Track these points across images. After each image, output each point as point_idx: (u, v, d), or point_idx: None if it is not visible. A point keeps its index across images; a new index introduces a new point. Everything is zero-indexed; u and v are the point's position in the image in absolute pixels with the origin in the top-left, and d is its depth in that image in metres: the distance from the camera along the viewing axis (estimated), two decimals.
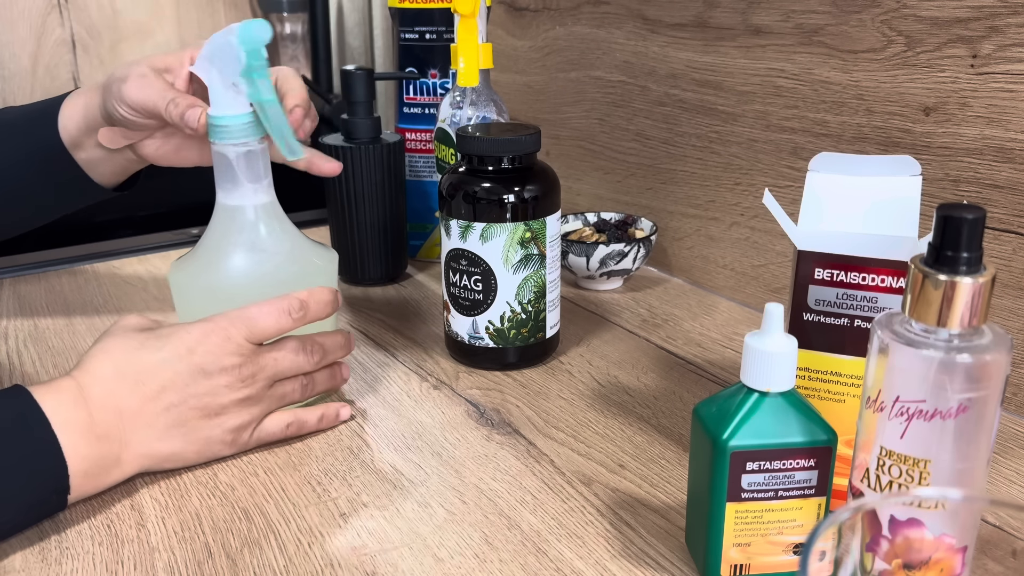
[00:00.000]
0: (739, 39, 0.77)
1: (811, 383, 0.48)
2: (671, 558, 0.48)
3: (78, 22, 1.42)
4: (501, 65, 1.13)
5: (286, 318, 0.56)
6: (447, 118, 0.80)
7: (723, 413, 0.43)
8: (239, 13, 1.56)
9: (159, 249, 1.00)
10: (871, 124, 0.68)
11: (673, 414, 0.63)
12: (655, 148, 0.90)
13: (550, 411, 0.63)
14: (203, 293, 0.59)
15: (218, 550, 0.48)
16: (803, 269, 0.47)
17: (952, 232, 0.36)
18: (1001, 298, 0.61)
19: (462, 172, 0.66)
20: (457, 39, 0.75)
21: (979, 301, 0.37)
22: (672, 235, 0.90)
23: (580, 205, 1.03)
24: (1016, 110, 0.58)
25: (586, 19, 0.96)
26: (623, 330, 0.77)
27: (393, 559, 0.47)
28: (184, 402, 0.52)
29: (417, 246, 0.95)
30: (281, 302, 0.56)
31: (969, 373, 0.37)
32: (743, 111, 0.78)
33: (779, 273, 0.78)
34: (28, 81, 1.40)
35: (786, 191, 0.76)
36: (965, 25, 0.60)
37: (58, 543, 0.49)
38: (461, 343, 0.69)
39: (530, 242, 0.66)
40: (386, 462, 0.57)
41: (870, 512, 0.36)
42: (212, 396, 0.53)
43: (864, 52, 0.67)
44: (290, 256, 0.60)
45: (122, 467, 0.51)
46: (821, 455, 0.42)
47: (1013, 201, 0.60)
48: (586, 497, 0.53)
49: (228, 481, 0.55)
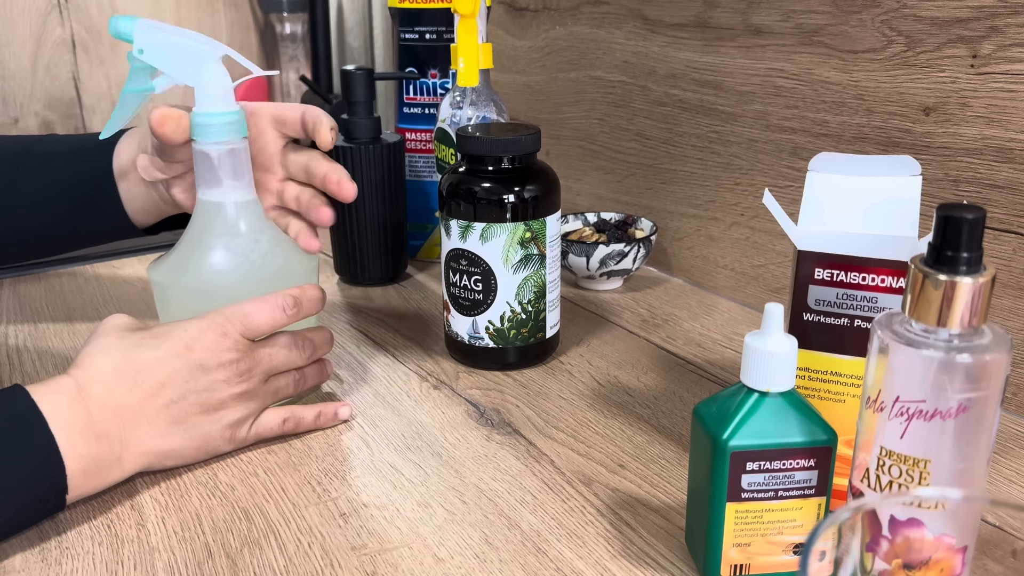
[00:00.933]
0: (739, 39, 0.77)
1: (811, 383, 0.48)
2: (671, 558, 0.48)
3: (78, 22, 1.42)
4: (501, 65, 1.13)
5: (280, 314, 0.56)
6: (447, 118, 0.80)
7: (723, 413, 0.43)
8: (239, 13, 1.56)
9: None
10: (871, 124, 0.68)
11: (673, 414, 0.63)
12: (655, 148, 0.90)
13: (550, 411, 0.63)
14: (184, 291, 0.59)
15: (218, 550, 0.48)
16: (803, 269, 0.47)
17: (952, 232, 0.36)
18: (1001, 298, 0.61)
19: (462, 172, 0.66)
20: (457, 39, 0.75)
21: (979, 301, 0.37)
22: (672, 235, 0.90)
23: (580, 205, 1.03)
24: (1016, 110, 0.58)
25: (586, 19, 0.96)
26: (623, 330, 0.77)
27: (393, 559, 0.47)
28: (184, 398, 0.53)
29: (417, 246, 0.95)
30: (275, 299, 0.56)
31: (969, 373, 0.37)
32: (743, 111, 0.78)
33: (779, 273, 0.78)
34: (28, 81, 1.40)
35: (786, 191, 0.76)
36: (965, 25, 0.60)
37: (58, 543, 0.49)
38: (461, 343, 0.69)
39: (530, 242, 0.66)
40: (386, 462, 0.57)
41: (870, 512, 0.36)
42: (211, 392, 0.53)
43: (864, 52, 0.67)
44: (271, 252, 0.60)
45: (123, 466, 0.51)
46: (821, 455, 0.42)
47: (1013, 201, 0.60)
48: (586, 497, 0.53)
49: (228, 481, 0.55)
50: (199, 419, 0.54)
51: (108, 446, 0.50)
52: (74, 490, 0.49)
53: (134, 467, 0.52)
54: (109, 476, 0.51)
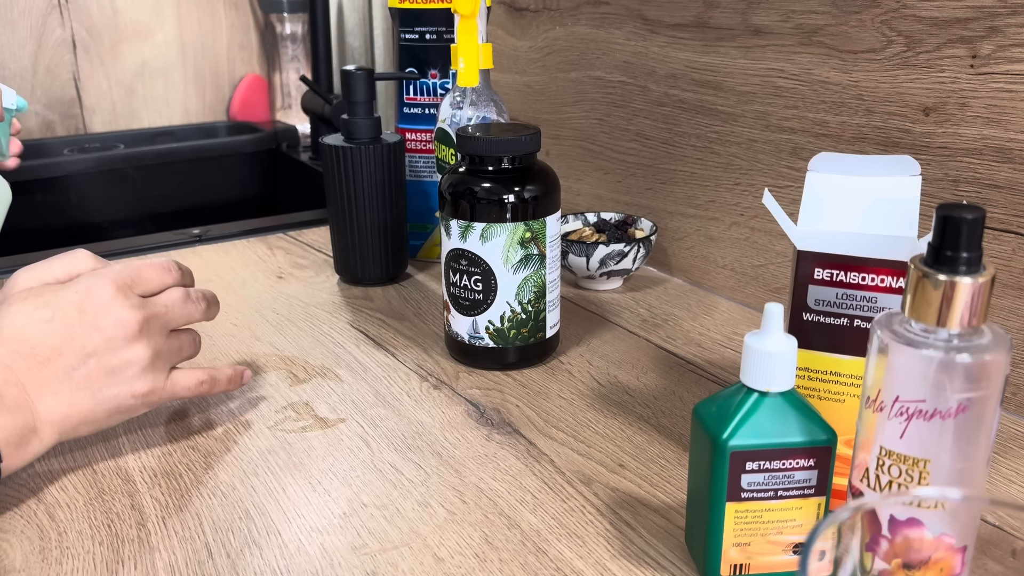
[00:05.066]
0: (739, 39, 0.77)
1: (811, 383, 0.48)
2: (671, 558, 0.48)
3: (78, 22, 1.42)
4: (501, 65, 1.13)
5: (167, 272, 0.56)
6: (447, 118, 0.80)
7: (723, 413, 0.43)
8: (239, 13, 1.56)
9: (159, 249, 1.00)
10: (871, 124, 0.68)
11: (673, 414, 0.63)
12: (655, 148, 0.90)
13: (550, 411, 0.63)
14: None
15: (218, 550, 0.48)
16: (803, 269, 0.47)
17: (952, 232, 0.36)
18: (1001, 298, 0.61)
19: (462, 172, 0.66)
20: (457, 39, 0.75)
21: (979, 301, 0.37)
22: (672, 235, 0.90)
23: (580, 205, 1.03)
24: (1016, 110, 0.58)
25: (586, 19, 0.96)
26: (623, 330, 0.77)
27: (393, 559, 0.47)
28: (84, 363, 0.52)
29: (417, 246, 0.95)
30: (158, 260, 0.57)
31: (969, 373, 0.37)
32: (743, 111, 0.78)
33: (779, 273, 0.78)
34: (28, 81, 1.40)
35: (786, 191, 0.76)
36: (965, 25, 0.60)
37: (58, 543, 0.49)
38: (461, 343, 0.69)
39: (530, 242, 0.66)
40: (386, 462, 0.57)
41: (870, 512, 0.36)
42: (111, 352, 0.52)
43: (864, 52, 0.67)
44: None
45: (40, 437, 0.51)
46: (821, 455, 0.42)
47: (1013, 201, 0.60)
48: (586, 497, 0.53)
49: (228, 481, 0.55)
50: (104, 382, 0.52)
51: (23, 418, 0.49)
52: (6, 460, 0.48)
53: (51, 438, 0.51)
54: (31, 448, 0.50)
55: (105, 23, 1.44)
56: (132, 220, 1.38)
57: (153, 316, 0.54)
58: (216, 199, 1.45)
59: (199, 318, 0.58)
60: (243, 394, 0.66)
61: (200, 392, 0.58)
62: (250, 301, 0.84)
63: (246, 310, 0.82)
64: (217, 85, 1.57)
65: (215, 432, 0.60)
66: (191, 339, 0.59)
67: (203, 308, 0.58)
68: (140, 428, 0.61)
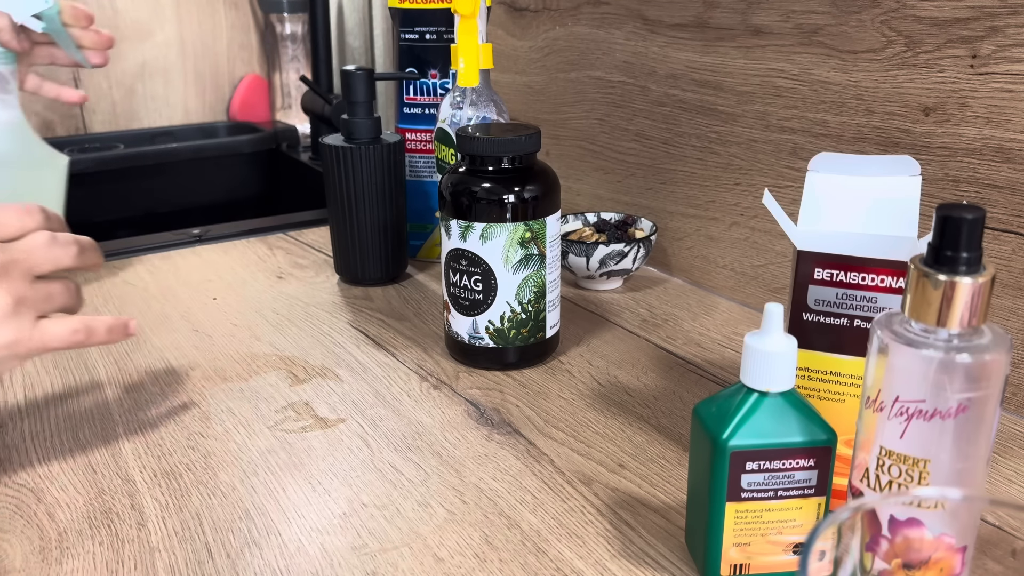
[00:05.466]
0: (739, 39, 0.77)
1: (811, 383, 0.48)
2: (671, 558, 0.48)
3: None
4: (501, 65, 1.13)
5: (27, 215, 0.52)
6: (447, 118, 0.80)
7: (723, 413, 0.43)
8: (239, 13, 1.56)
9: (159, 249, 1.00)
10: (871, 124, 0.68)
11: (673, 414, 0.63)
12: (655, 148, 0.90)
13: (550, 411, 0.63)
14: None
15: (218, 550, 0.48)
16: (803, 269, 0.47)
17: (952, 232, 0.36)
18: (1001, 298, 0.61)
19: (462, 172, 0.66)
20: (457, 39, 0.75)
21: (979, 301, 0.37)
22: (672, 235, 0.90)
23: (580, 205, 1.03)
24: (1016, 110, 0.58)
25: (586, 19, 0.96)
26: (623, 330, 0.77)
27: (393, 559, 0.47)
28: None
29: (417, 246, 0.95)
30: (17, 203, 0.52)
31: (969, 373, 0.37)
32: (743, 111, 0.78)
33: (779, 273, 0.78)
34: None
35: (786, 191, 0.76)
36: (965, 25, 0.60)
37: (58, 543, 0.49)
38: (461, 343, 0.69)
39: (530, 242, 0.66)
40: (386, 462, 0.57)
41: (870, 512, 0.36)
42: None
43: (864, 52, 0.67)
44: None
45: None
46: (821, 455, 0.42)
47: (1013, 201, 0.60)
48: (586, 497, 0.53)
49: (228, 481, 0.55)
50: None
51: None
52: None
53: None
54: None
55: (105, 23, 1.44)
56: (132, 220, 1.38)
57: (11, 261, 0.50)
58: (216, 199, 1.45)
59: (70, 263, 0.53)
60: (243, 394, 0.66)
61: (75, 342, 0.53)
62: (250, 301, 0.84)
63: (246, 310, 0.82)
64: (217, 85, 1.57)
65: (215, 432, 0.60)
66: (64, 287, 0.54)
67: (74, 252, 0.53)
68: (140, 429, 0.61)
